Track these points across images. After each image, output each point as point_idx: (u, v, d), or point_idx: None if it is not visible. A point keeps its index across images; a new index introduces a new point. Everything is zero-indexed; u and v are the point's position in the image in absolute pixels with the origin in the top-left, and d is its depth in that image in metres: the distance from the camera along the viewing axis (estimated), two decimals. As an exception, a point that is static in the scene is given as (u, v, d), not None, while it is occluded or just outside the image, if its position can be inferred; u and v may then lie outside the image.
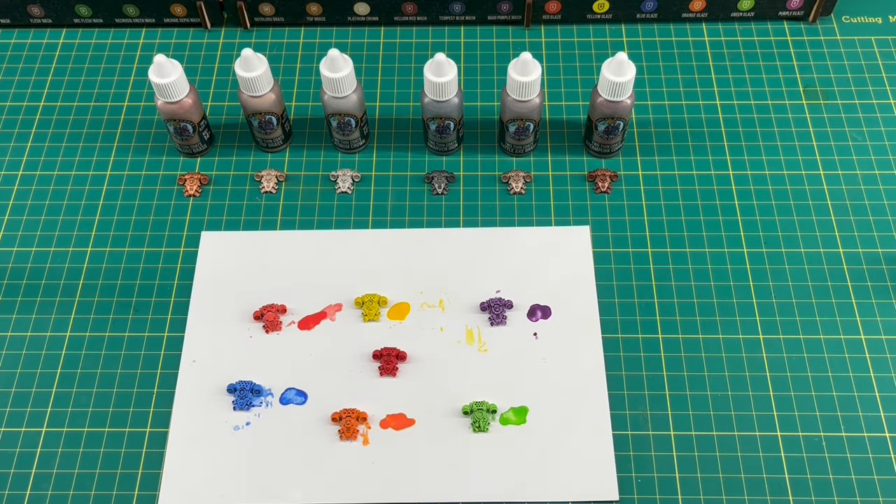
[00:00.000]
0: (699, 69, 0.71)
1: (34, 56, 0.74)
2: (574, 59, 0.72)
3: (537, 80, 0.60)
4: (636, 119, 0.68)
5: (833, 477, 0.52)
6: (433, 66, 0.59)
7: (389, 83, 0.71)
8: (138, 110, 0.70)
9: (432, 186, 0.65)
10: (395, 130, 0.68)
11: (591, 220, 0.63)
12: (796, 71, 0.71)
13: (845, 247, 0.61)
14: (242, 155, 0.67)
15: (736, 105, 0.69)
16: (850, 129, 0.67)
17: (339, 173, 0.66)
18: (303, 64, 0.73)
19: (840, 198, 0.64)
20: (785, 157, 0.66)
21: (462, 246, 0.62)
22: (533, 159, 0.66)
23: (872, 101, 0.69)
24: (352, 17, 0.74)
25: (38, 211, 0.64)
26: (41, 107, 0.70)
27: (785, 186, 0.64)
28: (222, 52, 0.73)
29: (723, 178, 0.65)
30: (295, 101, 0.70)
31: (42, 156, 0.67)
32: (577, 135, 0.68)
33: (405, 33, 0.74)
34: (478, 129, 0.68)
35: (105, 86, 0.72)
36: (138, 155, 0.67)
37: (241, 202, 0.64)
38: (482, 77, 0.71)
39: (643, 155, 0.66)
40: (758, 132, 0.68)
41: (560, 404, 0.55)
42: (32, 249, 0.62)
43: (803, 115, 0.68)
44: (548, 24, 0.74)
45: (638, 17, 0.74)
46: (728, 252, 0.61)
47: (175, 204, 0.64)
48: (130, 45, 0.74)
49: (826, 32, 0.74)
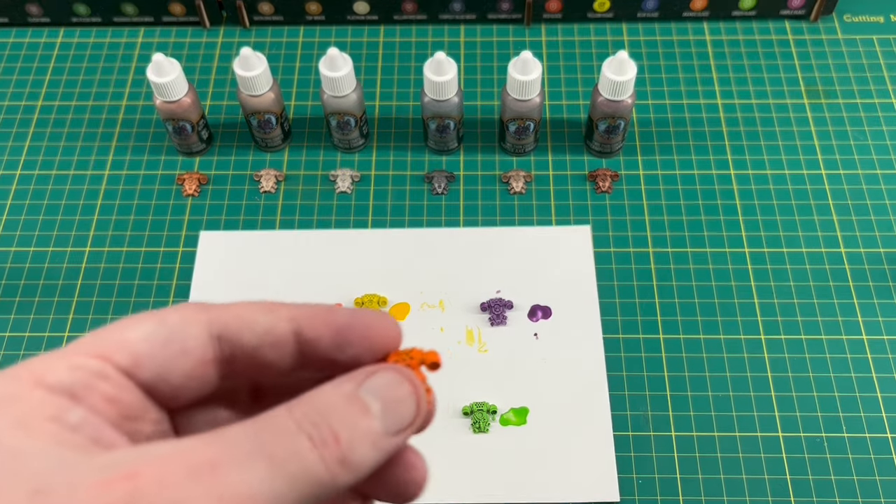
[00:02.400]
0: (700, 68, 0.71)
1: (32, 55, 0.73)
2: (575, 57, 0.72)
3: (538, 79, 0.59)
4: (637, 118, 0.68)
5: (835, 478, 0.52)
6: (433, 64, 0.59)
7: (389, 82, 0.71)
8: (137, 109, 0.70)
9: (432, 186, 0.64)
10: (394, 130, 0.68)
11: (592, 219, 0.63)
12: (798, 70, 0.71)
13: (847, 246, 0.61)
14: (241, 154, 0.67)
15: (737, 104, 0.69)
16: (851, 129, 0.67)
17: (338, 173, 0.65)
18: (302, 63, 0.72)
19: (842, 197, 0.64)
20: (786, 157, 0.66)
21: (462, 246, 0.61)
22: (533, 159, 0.66)
23: (874, 101, 0.69)
24: (351, 16, 0.74)
25: (36, 210, 0.64)
26: (39, 106, 0.70)
27: (786, 186, 0.64)
28: (221, 51, 0.73)
29: (724, 177, 0.65)
30: (294, 101, 0.70)
31: (40, 155, 0.67)
32: (578, 134, 0.67)
33: (405, 32, 0.74)
34: (478, 128, 0.68)
35: (103, 85, 0.71)
36: (137, 154, 0.67)
37: (240, 202, 0.64)
38: (482, 76, 0.71)
39: (644, 154, 0.66)
40: (759, 131, 0.67)
41: (561, 405, 0.54)
42: (31, 249, 0.62)
43: (805, 115, 0.68)
44: (548, 23, 0.74)
45: (639, 16, 0.74)
46: (729, 252, 0.61)
47: (174, 204, 0.64)
48: (129, 43, 0.74)
49: (828, 31, 0.73)
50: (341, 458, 0.19)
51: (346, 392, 0.21)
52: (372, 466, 0.20)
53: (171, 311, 0.22)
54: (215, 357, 0.22)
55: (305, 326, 0.23)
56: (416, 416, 0.22)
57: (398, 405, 0.21)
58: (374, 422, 0.21)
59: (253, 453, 0.18)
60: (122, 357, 0.21)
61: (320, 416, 0.20)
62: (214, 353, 0.22)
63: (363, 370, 0.22)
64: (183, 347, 0.22)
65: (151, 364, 0.21)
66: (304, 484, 0.19)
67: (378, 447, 0.20)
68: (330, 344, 0.23)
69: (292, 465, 0.19)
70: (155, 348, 0.21)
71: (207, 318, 0.22)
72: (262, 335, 0.23)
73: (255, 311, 0.23)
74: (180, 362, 0.22)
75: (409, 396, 0.22)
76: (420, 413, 0.22)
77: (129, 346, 0.21)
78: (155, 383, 0.21)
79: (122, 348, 0.21)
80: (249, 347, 0.23)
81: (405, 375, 0.22)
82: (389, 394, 0.21)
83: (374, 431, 0.20)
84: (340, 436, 0.20)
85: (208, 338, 0.22)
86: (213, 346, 0.22)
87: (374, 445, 0.20)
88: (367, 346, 0.23)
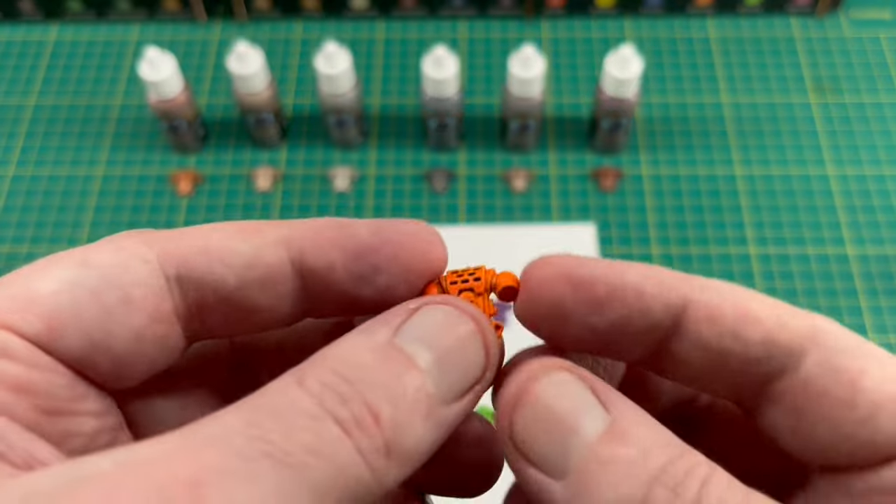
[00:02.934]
0: (705, 65, 0.70)
1: (24, 51, 0.72)
2: (577, 53, 0.71)
3: (539, 75, 0.58)
4: (641, 116, 0.67)
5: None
6: (433, 60, 0.58)
7: (388, 78, 0.70)
8: (131, 106, 0.69)
9: (432, 185, 0.63)
10: (394, 127, 0.67)
11: (595, 219, 0.62)
12: (803, 67, 0.70)
13: (853, 247, 0.60)
14: (237, 153, 0.66)
15: (742, 102, 0.68)
16: (857, 128, 0.66)
17: (336, 172, 0.64)
18: (299, 59, 0.71)
19: (848, 197, 0.63)
20: (792, 156, 0.65)
21: (463, 245, 0.60)
22: (535, 157, 0.65)
23: (881, 99, 0.68)
24: (349, 10, 0.73)
25: (29, 210, 0.63)
26: (32, 103, 0.69)
27: (791, 185, 0.63)
28: (217, 46, 0.72)
29: (728, 176, 0.64)
30: (293, 98, 0.69)
31: (33, 154, 0.66)
32: (581, 131, 0.66)
33: (404, 27, 0.73)
34: (479, 125, 0.67)
35: (97, 82, 0.70)
36: (131, 153, 0.66)
37: (236, 201, 0.63)
38: (483, 72, 0.70)
39: (648, 152, 0.65)
40: (764, 130, 0.66)
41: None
42: (24, 249, 0.61)
43: (810, 113, 0.67)
44: (550, 18, 0.73)
45: (643, 11, 0.72)
46: (734, 252, 0.60)
47: (168, 203, 0.63)
48: (123, 39, 0.73)
49: (833, 27, 0.72)
50: (386, 445, 0.13)
51: (379, 342, 0.14)
52: (428, 451, 0.14)
53: (102, 244, 0.15)
54: (176, 308, 0.16)
55: (308, 252, 0.16)
56: (486, 368, 0.16)
57: (458, 354, 0.15)
58: (426, 382, 0.14)
59: (252, 456, 0.12)
60: (31, 321, 0.14)
61: (347, 383, 0.13)
62: (174, 302, 0.15)
63: (400, 307, 0.16)
64: (124, 296, 0.15)
65: (77, 327, 0.14)
66: (336, 494, 0.13)
67: (435, 420, 0.14)
68: (346, 274, 0.16)
69: (316, 466, 0.12)
70: (81, 302, 0.14)
71: (157, 251, 0.15)
72: (242, 269, 0.16)
73: (229, 237, 0.16)
74: (122, 320, 0.15)
75: (472, 339, 0.15)
76: (490, 363, 0.16)
77: (39, 303, 0.14)
78: (88, 356, 0.15)
79: (29, 307, 0.14)
80: (226, 290, 0.16)
81: (463, 308, 0.16)
82: (443, 338, 0.15)
83: (427, 397, 0.14)
84: (381, 412, 0.13)
85: (161, 280, 0.15)
86: (170, 292, 0.15)
87: (429, 418, 0.14)
88: (402, 270, 0.16)
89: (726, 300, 0.15)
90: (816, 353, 0.15)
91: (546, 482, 0.14)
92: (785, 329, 0.15)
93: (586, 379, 0.15)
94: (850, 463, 0.15)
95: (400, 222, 0.16)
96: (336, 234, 0.16)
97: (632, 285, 0.15)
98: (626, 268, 0.16)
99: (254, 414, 0.13)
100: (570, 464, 0.14)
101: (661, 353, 0.16)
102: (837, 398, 0.15)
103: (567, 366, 0.16)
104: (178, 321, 0.16)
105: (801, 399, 0.15)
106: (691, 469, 0.13)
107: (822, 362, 0.15)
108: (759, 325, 0.15)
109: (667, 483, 0.13)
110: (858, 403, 0.14)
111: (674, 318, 0.15)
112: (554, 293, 0.16)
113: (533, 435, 0.15)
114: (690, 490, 0.13)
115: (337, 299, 0.16)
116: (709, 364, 0.16)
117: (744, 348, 0.15)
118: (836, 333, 0.15)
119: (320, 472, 0.12)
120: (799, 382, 0.15)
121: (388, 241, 0.16)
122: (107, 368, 0.15)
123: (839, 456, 0.15)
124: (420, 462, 0.14)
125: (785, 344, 0.15)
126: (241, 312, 0.16)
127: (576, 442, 0.14)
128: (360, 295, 0.16)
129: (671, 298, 0.15)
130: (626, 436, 0.14)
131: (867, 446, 0.15)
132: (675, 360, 0.16)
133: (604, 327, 0.16)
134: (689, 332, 0.15)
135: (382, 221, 0.16)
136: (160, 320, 0.15)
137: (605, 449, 0.14)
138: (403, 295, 0.16)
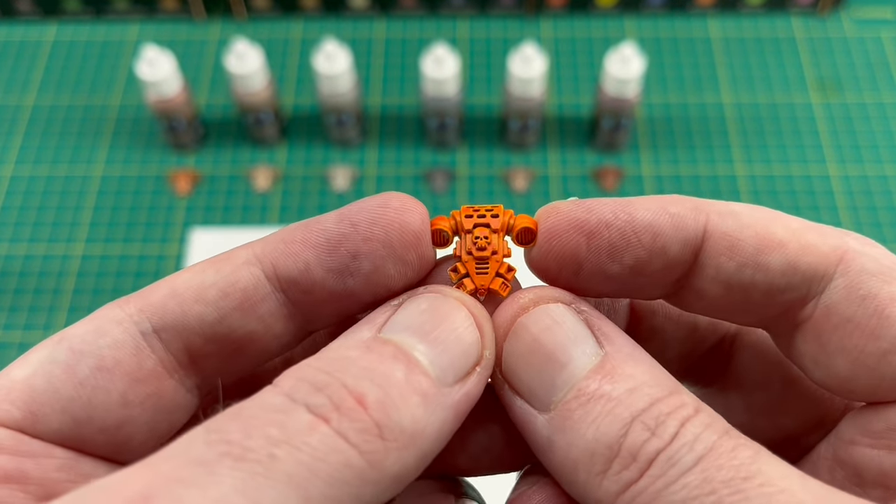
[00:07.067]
0: (706, 64, 0.70)
1: (22, 50, 0.72)
2: (578, 52, 0.71)
3: (540, 74, 0.58)
4: (642, 115, 0.67)
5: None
6: (433, 60, 0.58)
7: (388, 78, 0.70)
8: (129, 106, 0.68)
9: (432, 184, 0.63)
10: (393, 127, 0.67)
11: (595, 219, 0.61)
12: (805, 66, 0.69)
13: (856, 247, 0.60)
14: (236, 152, 0.65)
15: (743, 101, 0.67)
16: (859, 127, 0.66)
17: (336, 171, 0.64)
18: (299, 58, 0.71)
19: (850, 197, 0.62)
20: (793, 155, 0.64)
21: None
22: (536, 156, 0.65)
23: (883, 98, 0.67)
24: (349, 9, 0.72)
25: (28, 209, 0.63)
26: (30, 103, 0.69)
27: (793, 185, 0.63)
28: (216, 45, 0.72)
29: (730, 176, 0.63)
30: (293, 97, 0.68)
31: (31, 153, 0.66)
32: (582, 131, 0.66)
33: (404, 26, 0.73)
34: (479, 125, 0.66)
35: (95, 81, 0.70)
36: (129, 151, 0.65)
37: (235, 201, 0.63)
38: (483, 71, 0.70)
39: (649, 152, 0.65)
40: (766, 129, 0.66)
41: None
42: (22, 250, 0.61)
43: (812, 112, 0.67)
44: (551, 17, 0.73)
45: (644, 10, 0.72)
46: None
47: (167, 203, 0.63)
48: (121, 38, 0.72)
49: (835, 27, 0.72)
50: (377, 426, 0.13)
51: (363, 339, 0.14)
52: (438, 433, 0.14)
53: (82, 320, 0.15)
54: (162, 363, 0.15)
55: (280, 261, 0.15)
56: (484, 347, 0.15)
57: (450, 336, 0.15)
58: (418, 365, 0.14)
59: (209, 460, 0.12)
60: (8, 409, 0.14)
61: (324, 374, 0.13)
62: (159, 356, 0.15)
63: (385, 306, 0.15)
64: (97, 363, 0.14)
65: (57, 406, 0.14)
66: (320, 483, 0.12)
67: (437, 402, 0.14)
68: (326, 271, 0.15)
69: (286, 457, 0.12)
70: (56, 380, 0.14)
71: (129, 310, 0.15)
72: (218, 300, 0.15)
73: (197, 273, 0.15)
74: (102, 386, 0.14)
75: (462, 320, 0.15)
76: (487, 342, 0.15)
77: (15, 389, 0.14)
78: (75, 431, 0.14)
79: (6, 396, 0.14)
80: (208, 327, 0.15)
81: (448, 293, 0.16)
82: (432, 323, 0.15)
83: (423, 378, 0.14)
84: (366, 394, 0.13)
85: (136, 337, 0.15)
86: (150, 347, 0.15)
87: (429, 402, 0.14)
88: (381, 247, 0.16)
89: (746, 227, 0.15)
90: (844, 277, 0.14)
91: (531, 413, 0.15)
92: (808, 252, 0.15)
93: (583, 312, 0.15)
94: (870, 397, 0.14)
95: (364, 201, 0.16)
96: (303, 234, 0.16)
97: (644, 226, 0.15)
98: (636, 206, 0.15)
99: (216, 421, 0.12)
100: (555, 398, 0.14)
101: (681, 289, 0.16)
102: (861, 327, 0.14)
103: (563, 297, 0.16)
104: (171, 376, 0.15)
105: (823, 327, 0.15)
106: (675, 409, 0.13)
107: (848, 287, 0.14)
108: (781, 250, 0.15)
109: (647, 422, 0.13)
110: (883, 335, 0.14)
111: (693, 252, 0.15)
112: (568, 245, 0.16)
113: (520, 367, 0.15)
114: (668, 429, 0.13)
115: (328, 301, 0.16)
116: (731, 296, 0.15)
117: (766, 277, 0.15)
118: (868, 255, 0.15)
119: (292, 463, 0.12)
120: (822, 309, 0.14)
121: (357, 222, 0.15)
122: (101, 440, 0.14)
123: (860, 389, 0.14)
124: (432, 444, 0.14)
125: (809, 269, 0.15)
126: (234, 345, 0.15)
127: (564, 376, 0.14)
128: (349, 289, 0.16)
129: (688, 234, 0.15)
130: (616, 373, 0.14)
131: (889, 380, 0.14)
132: (695, 294, 0.16)
133: (620, 272, 0.15)
134: (709, 266, 0.15)
135: (347, 207, 0.16)
136: (143, 380, 0.15)
137: (592, 385, 0.14)
138: (394, 273, 0.16)
